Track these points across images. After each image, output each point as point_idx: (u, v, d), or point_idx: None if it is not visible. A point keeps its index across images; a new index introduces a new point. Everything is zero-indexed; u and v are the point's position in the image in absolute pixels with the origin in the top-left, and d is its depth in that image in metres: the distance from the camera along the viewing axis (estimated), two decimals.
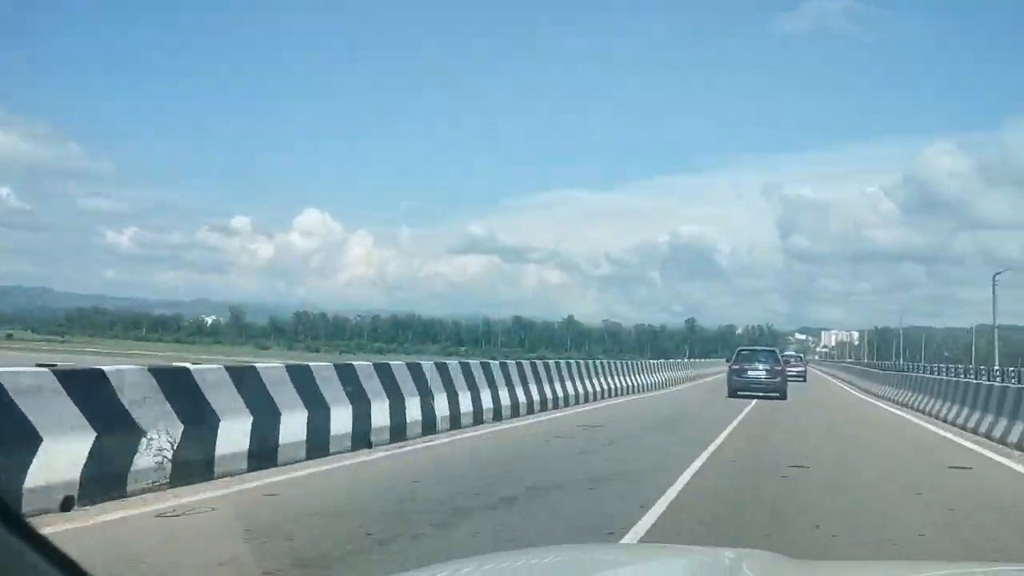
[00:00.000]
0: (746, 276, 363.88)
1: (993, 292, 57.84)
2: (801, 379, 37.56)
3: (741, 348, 27.24)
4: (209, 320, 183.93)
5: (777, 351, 26.97)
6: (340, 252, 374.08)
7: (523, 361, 15.46)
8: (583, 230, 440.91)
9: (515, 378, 14.04)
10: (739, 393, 22.95)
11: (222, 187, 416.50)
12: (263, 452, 7.27)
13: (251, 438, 7.15)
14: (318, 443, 7.99)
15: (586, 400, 18.42)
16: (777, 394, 22.83)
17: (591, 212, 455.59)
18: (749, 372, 23.78)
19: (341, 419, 8.49)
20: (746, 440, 11.81)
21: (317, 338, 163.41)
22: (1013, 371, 38.34)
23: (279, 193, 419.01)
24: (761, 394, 22.68)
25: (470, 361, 12.89)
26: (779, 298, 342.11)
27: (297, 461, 7.59)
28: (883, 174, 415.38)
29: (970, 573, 1.75)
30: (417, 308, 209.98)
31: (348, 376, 8.91)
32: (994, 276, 58.88)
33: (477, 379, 12.34)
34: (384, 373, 9.86)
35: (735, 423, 14.53)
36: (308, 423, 7.90)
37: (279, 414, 7.54)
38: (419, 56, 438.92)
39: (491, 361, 13.76)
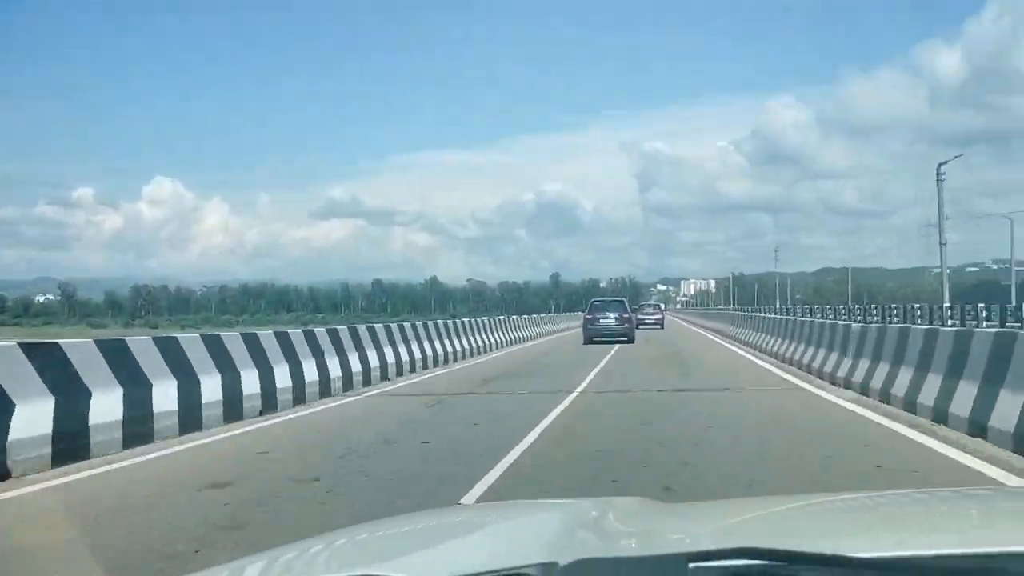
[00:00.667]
0: (609, 232, 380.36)
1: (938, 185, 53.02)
2: (659, 327, 40.75)
3: (594, 300, 29.25)
4: (41, 299, 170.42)
5: (625, 301, 29.36)
6: (194, 221, 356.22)
7: (376, 325, 15.02)
8: (449, 191, 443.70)
9: (367, 342, 13.71)
10: (594, 340, 25.45)
11: (61, 157, 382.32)
12: None
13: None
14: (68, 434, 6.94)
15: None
16: (625, 338, 25.53)
17: (456, 173, 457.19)
18: (601, 321, 26.53)
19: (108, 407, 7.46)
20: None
21: (159, 313, 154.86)
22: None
23: (125, 161, 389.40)
24: (612, 339, 25.14)
25: (315, 329, 12.57)
26: (641, 251, 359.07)
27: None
28: (733, 128, 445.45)
29: (840, 499, 1.86)
30: (279, 276, 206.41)
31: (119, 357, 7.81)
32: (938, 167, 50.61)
33: (324, 347, 11.89)
34: (171, 348, 8.62)
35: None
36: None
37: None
38: (276, 12, 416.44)
39: (339, 328, 13.16)
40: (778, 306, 67.92)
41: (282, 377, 10.40)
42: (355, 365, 12.81)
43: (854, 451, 6.83)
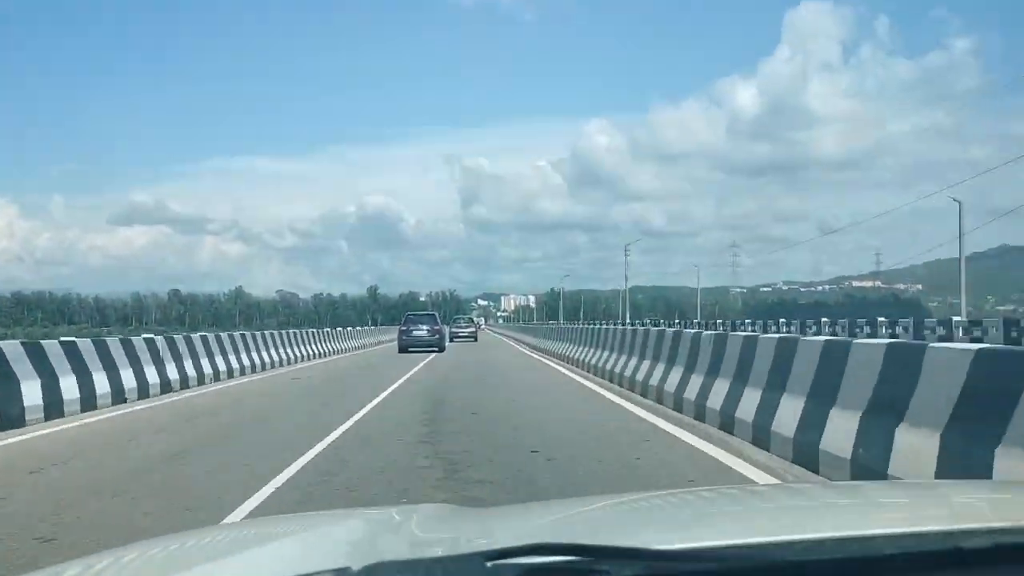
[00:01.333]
0: (432, 245, 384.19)
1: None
2: (472, 339, 43.97)
3: (408, 313, 32.75)
4: None
5: (436, 315, 32.59)
6: None
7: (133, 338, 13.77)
8: (265, 199, 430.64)
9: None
10: (409, 349, 28.64)
11: None
12: None
13: None
14: None
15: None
16: (436, 348, 28.93)
17: (273, 180, 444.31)
18: (414, 332, 29.70)
19: None
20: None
21: None
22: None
23: None
24: (424, 348, 28.60)
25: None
26: (463, 266, 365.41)
27: None
28: (552, 149, 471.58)
29: (635, 499, 1.94)
30: (71, 285, 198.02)
31: None
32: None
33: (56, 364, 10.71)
34: None
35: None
36: None
37: None
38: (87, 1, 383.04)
39: (76, 340, 11.93)
40: (601, 321, 74.11)
41: None
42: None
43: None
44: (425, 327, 29.86)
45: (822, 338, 6.67)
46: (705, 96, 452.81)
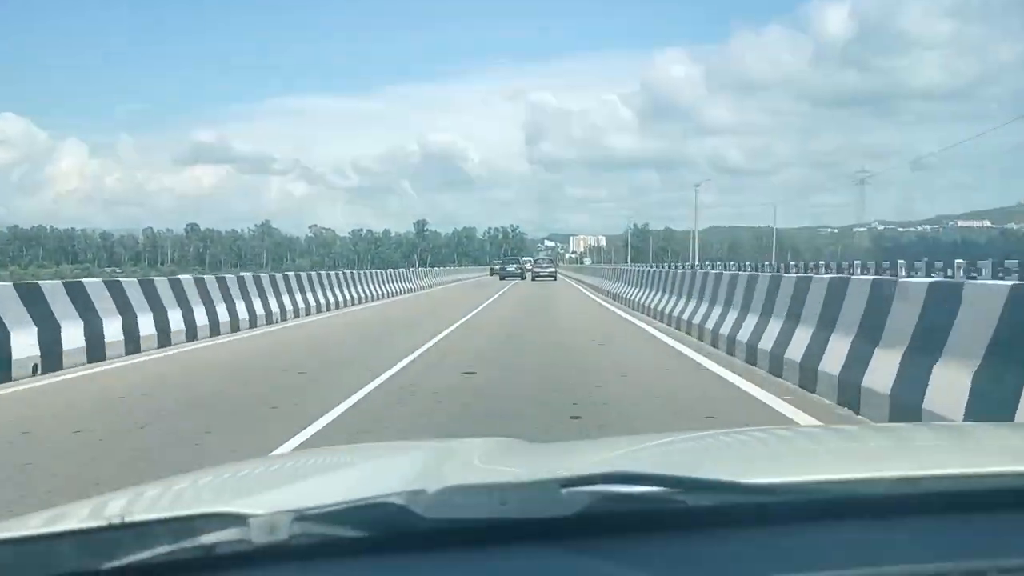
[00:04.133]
0: (496, 185, 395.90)
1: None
2: (551, 279, 59.23)
3: (505, 257, 72.22)
4: None
5: (519, 258, 69.53)
6: (46, 164, 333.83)
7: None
8: (327, 138, 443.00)
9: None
10: (503, 278, 61.50)
11: None
12: None
13: None
14: None
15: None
16: (519, 277, 60.30)
17: (335, 120, 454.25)
18: (507, 268, 69.43)
19: None
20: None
21: None
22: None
23: None
24: (511, 277, 60.55)
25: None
26: (528, 206, 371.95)
27: None
28: (621, 82, 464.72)
29: (712, 436, 2.26)
30: (143, 224, 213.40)
31: None
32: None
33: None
34: None
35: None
36: None
37: None
38: None
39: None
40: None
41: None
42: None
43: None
44: (513, 266, 70.44)
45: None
46: (790, 21, 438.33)
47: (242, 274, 18.69)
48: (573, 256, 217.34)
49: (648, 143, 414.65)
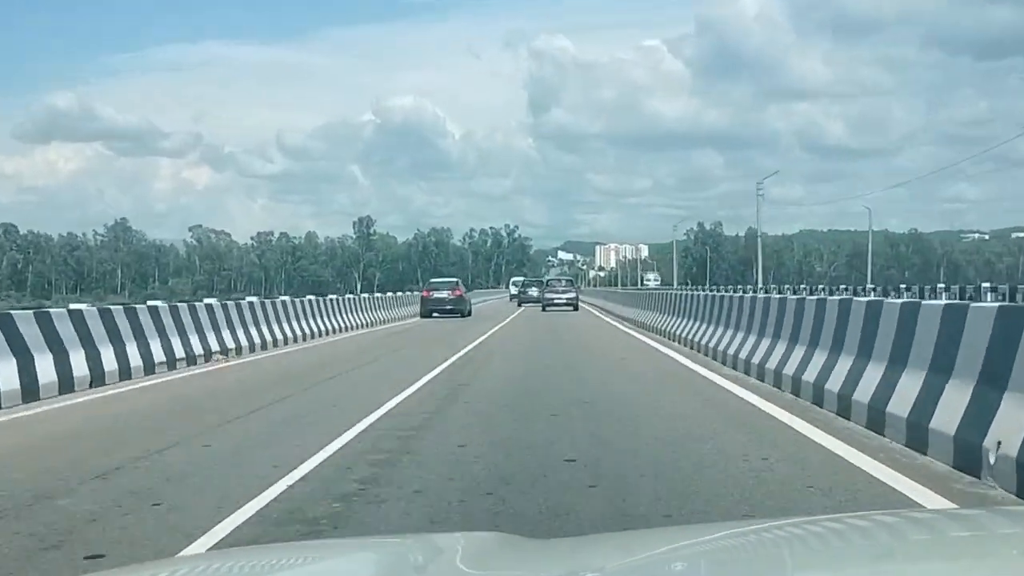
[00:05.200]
0: (487, 171, 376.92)
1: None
2: (571, 307, 55.83)
3: (525, 279, 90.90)
4: None
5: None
6: None
7: None
8: (242, 105, 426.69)
9: None
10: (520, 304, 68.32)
11: None
12: None
13: None
14: None
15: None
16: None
17: (252, 78, 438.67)
18: (528, 291, 72.14)
19: None
20: None
21: None
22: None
23: None
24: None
25: None
26: (534, 202, 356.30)
27: None
28: (668, 23, 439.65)
29: (722, 533, 2.59)
30: None
31: None
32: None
33: None
34: None
35: None
36: None
37: None
38: None
39: None
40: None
41: None
42: None
43: None
44: (534, 289, 71.55)
45: None
46: None
47: None
48: (600, 275, 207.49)
49: (708, 111, 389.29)
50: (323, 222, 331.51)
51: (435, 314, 46.58)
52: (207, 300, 25.28)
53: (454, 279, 56.04)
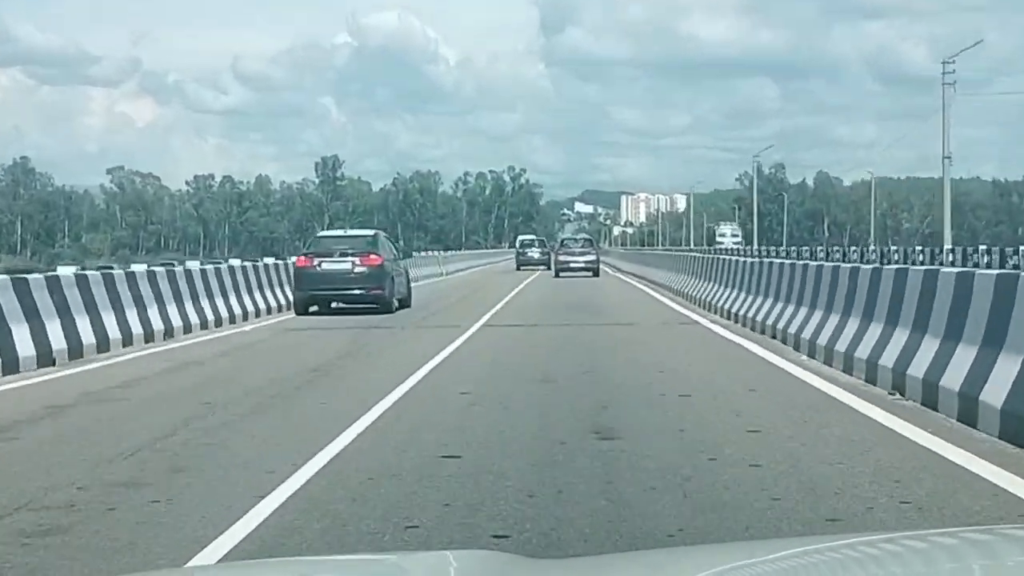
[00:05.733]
0: (488, 104, 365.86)
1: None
2: (591, 272, 55.98)
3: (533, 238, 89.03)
4: None
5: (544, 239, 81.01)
6: None
7: None
8: (188, 25, 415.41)
9: None
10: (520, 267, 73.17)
11: None
12: None
13: None
14: None
15: None
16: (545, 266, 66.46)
17: None
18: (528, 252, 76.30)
19: None
20: None
21: None
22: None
23: None
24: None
25: None
26: (546, 143, 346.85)
27: None
28: None
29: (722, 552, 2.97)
30: None
31: None
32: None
33: None
34: None
35: None
36: None
37: None
38: None
39: None
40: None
41: None
42: None
43: None
44: (535, 249, 75.65)
45: None
46: None
47: None
48: (628, 231, 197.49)
49: (760, 32, 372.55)
50: (287, 167, 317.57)
51: (320, 306, 30.01)
52: (134, 266, 24.71)
53: (367, 232, 35.33)
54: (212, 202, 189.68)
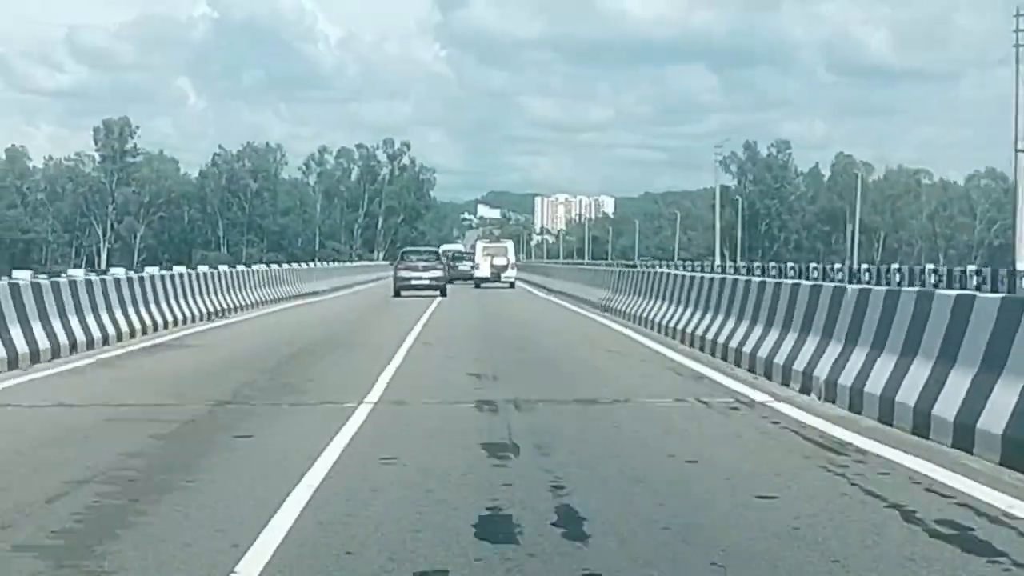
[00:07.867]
0: (376, 92, 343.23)
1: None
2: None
3: (405, 249, 69.61)
4: None
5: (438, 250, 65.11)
6: None
7: None
8: None
9: None
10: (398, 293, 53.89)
11: None
12: None
13: None
14: None
15: None
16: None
17: None
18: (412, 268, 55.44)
19: None
20: None
21: None
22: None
23: None
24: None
25: None
26: (446, 137, 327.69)
27: None
28: None
29: None
30: None
31: None
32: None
33: None
34: None
35: None
36: None
37: None
38: None
39: None
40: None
41: None
42: None
43: None
44: (423, 264, 53.60)
45: None
46: None
47: None
48: (545, 239, 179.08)
49: (698, 11, 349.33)
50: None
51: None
52: None
53: None
54: None
